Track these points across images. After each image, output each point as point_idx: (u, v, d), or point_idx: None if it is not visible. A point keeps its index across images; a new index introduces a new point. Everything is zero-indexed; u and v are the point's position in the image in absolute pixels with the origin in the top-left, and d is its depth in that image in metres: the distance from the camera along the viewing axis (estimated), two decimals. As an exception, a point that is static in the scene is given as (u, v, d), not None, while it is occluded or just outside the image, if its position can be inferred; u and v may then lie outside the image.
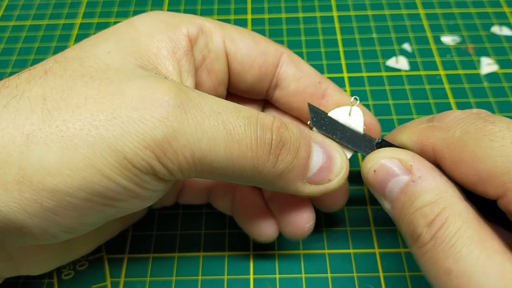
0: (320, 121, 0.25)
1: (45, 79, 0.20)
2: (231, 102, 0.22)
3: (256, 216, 0.27)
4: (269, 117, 0.22)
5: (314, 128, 0.25)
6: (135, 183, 0.20)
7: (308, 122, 0.26)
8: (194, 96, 0.20)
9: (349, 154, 0.25)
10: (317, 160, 0.23)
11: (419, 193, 0.20)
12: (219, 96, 0.27)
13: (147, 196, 0.21)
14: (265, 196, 0.28)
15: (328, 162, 0.23)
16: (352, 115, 0.26)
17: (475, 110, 0.21)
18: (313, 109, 0.25)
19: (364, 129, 0.26)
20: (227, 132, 0.20)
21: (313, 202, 0.27)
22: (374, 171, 0.22)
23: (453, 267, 0.18)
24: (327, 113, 0.25)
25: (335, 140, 0.24)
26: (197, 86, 0.26)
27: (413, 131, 0.23)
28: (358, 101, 0.26)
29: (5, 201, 0.18)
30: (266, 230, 0.27)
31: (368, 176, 0.22)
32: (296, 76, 0.27)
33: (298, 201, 0.26)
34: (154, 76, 0.21)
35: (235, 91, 0.29)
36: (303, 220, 0.26)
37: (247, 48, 0.27)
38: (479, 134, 0.19)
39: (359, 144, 0.25)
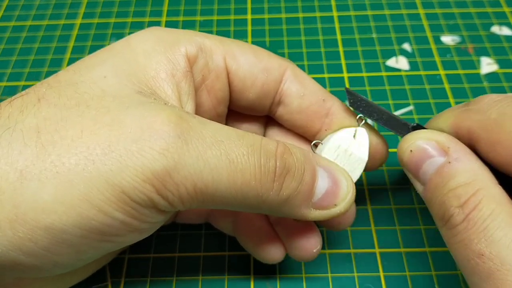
0: (357, 102, 0.25)
1: (38, 108, 0.19)
2: (234, 129, 0.21)
3: (261, 239, 0.26)
4: (273, 143, 0.21)
5: (320, 146, 0.25)
6: (133, 217, 0.19)
7: (312, 143, 0.26)
8: (195, 124, 0.20)
9: (355, 178, 0.24)
10: (322, 184, 0.22)
11: (454, 174, 0.20)
12: (219, 115, 0.27)
13: (146, 229, 0.21)
14: (270, 219, 0.27)
15: (333, 187, 0.22)
16: (357, 137, 0.25)
17: (510, 94, 0.21)
18: (349, 91, 0.25)
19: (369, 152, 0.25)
20: (230, 162, 0.19)
21: (319, 222, 0.27)
22: (411, 151, 0.22)
23: (485, 250, 0.18)
24: (363, 96, 0.25)
25: (373, 121, 0.25)
26: (197, 107, 0.25)
27: (448, 115, 0.23)
28: (364, 121, 0.25)
29: None
30: (273, 253, 0.26)
31: (404, 156, 0.22)
32: (300, 93, 0.26)
33: (304, 224, 0.25)
34: (153, 102, 0.20)
35: (236, 109, 0.28)
36: (310, 245, 0.25)
37: (249, 65, 0.25)
38: None
39: (395, 126, 0.25)
